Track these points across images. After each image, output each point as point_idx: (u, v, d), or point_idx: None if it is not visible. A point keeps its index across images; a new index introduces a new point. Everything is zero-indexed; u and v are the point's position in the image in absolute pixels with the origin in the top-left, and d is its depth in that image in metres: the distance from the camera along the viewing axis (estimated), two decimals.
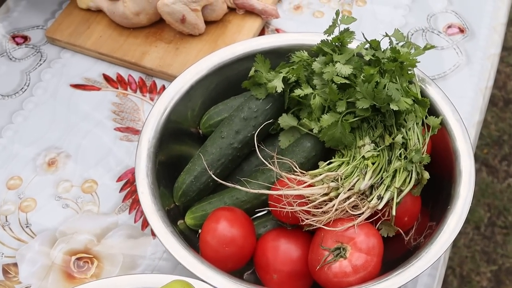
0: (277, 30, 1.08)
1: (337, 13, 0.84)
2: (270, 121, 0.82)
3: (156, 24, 1.05)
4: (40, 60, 1.05)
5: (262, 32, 1.08)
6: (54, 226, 0.88)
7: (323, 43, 0.83)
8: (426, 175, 0.78)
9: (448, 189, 0.79)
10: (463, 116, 0.96)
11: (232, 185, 0.73)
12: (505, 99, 2.00)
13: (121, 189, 0.91)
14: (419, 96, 0.81)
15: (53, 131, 0.97)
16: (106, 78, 1.02)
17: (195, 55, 1.02)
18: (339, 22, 0.84)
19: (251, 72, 0.85)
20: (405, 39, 0.85)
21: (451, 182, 0.79)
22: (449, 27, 1.07)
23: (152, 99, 1.00)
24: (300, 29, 1.07)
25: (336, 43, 0.82)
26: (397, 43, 0.83)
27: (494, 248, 1.74)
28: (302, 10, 1.10)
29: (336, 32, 0.84)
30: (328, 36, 0.84)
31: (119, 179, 0.92)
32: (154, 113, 0.83)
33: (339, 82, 0.77)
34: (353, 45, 0.84)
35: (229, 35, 1.04)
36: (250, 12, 1.07)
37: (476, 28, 1.07)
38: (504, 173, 1.86)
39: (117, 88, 1.01)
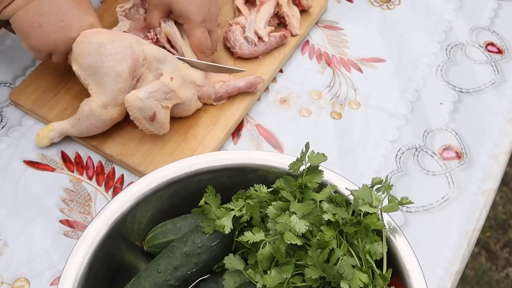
0: (257, 126, 0.98)
1: (306, 146, 0.75)
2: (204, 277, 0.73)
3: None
4: None
5: (240, 125, 0.98)
6: None
7: (284, 181, 0.74)
8: None
9: None
10: (441, 263, 0.86)
11: None
12: None
13: None
14: (385, 257, 0.72)
15: None
16: (64, 157, 0.94)
17: (161, 146, 0.94)
18: (306, 158, 0.74)
19: (201, 202, 0.76)
20: (382, 182, 0.75)
21: None
22: (446, 149, 0.97)
23: (107, 190, 0.92)
24: (282, 127, 0.98)
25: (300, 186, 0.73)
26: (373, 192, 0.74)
27: None
28: (289, 104, 1.01)
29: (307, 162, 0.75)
30: (293, 171, 0.75)
31: (52, 283, 0.84)
32: (88, 233, 0.75)
33: (289, 242, 0.68)
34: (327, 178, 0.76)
35: (202, 128, 0.96)
36: (232, 99, 0.98)
37: (475, 154, 0.96)
38: (504, 261, 1.75)
39: (73, 171, 0.93)
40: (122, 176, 0.93)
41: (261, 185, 0.76)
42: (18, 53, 1.05)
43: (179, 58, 0.93)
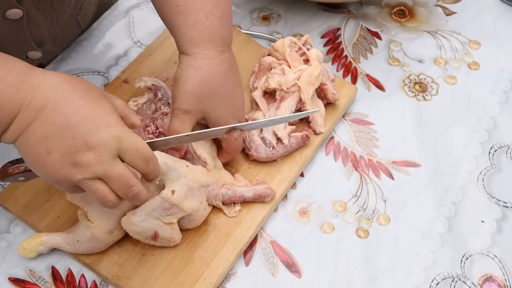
0: (272, 243, 0.87)
1: None
2: None
3: None
4: None
5: (254, 241, 0.87)
6: None
7: None
8: None
9: None
10: None
11: None
12: None
13: None
14: None
15: None
16: (54, 274, 0.84)
17: (163, 268, 0.83)
18: None
19: None
20: None
21: None
22: (487, 280, 0.84)
23: None
24: (300, 246, 0.86)
25: None
26: None
27: None
28: (309, 217, 0.89)
29: None
30: None
31: None
32: None
33: None
34: None
35: (210, 247, 0.84)
36: (246, 209, 0.87)
37: None
38: None
39: None
40: None
41: None
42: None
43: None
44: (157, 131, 0.88)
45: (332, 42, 1.08)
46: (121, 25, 1.09)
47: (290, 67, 0.93)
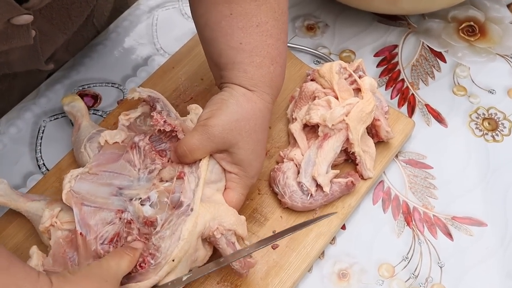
0: None
1: None
2: None
3: None
4: None
5: None
6: None
7: None
8: None
9: None
10: None
11: None
12: None
13: None
14: None
15: None
16: None
17: None
18: None
19: None
20: None
21: None
22: None
23: None
24: None
25: None
26: None
27: None
28: (349, 282, 0.74)
29: None
30: None
31: None
32: None
33: None
34: None
35: None
36: (274, 269, 0.73)
37: None
38: None
39: None
40: None
41: None
42: None
43: None
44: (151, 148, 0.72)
45: (388, 61, 0.91)
46: (143, 28, 0.94)
47: (337, 98, 0.78)
